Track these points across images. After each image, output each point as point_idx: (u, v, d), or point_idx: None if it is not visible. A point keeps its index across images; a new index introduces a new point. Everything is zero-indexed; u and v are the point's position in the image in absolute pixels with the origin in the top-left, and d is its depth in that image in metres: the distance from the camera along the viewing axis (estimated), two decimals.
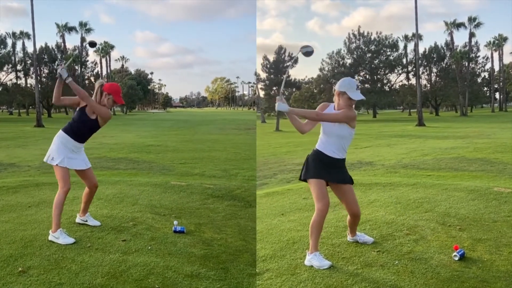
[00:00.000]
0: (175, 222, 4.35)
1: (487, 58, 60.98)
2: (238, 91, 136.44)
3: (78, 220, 4.43)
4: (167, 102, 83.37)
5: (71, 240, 3.87)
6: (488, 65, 62.26)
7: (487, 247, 3.81)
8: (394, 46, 57.21)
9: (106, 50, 62.02)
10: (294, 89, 53.76)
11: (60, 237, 3.87)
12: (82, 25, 55.18)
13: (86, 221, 4.39)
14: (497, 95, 68.78)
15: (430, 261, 3.51)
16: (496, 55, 63.45)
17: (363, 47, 57.37)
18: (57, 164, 3.99)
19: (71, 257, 3.52)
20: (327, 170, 3.63)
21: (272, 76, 42.74)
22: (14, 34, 54.70)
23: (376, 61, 57.25)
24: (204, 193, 5.88)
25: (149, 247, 3.78)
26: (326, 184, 3.67)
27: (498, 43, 61.28)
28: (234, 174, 9.34)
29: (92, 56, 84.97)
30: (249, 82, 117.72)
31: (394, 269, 3.40)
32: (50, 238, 3.93)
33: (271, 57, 43.25)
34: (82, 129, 4.09)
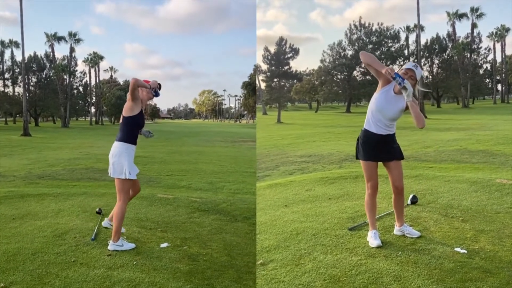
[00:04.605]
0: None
1: (489, 49, 60.66)
2: (225, 104, 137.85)
3: (107, 224, 4.55)
4: (155, 113, 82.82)
5: (132, 245, 4.03)
6: (490, 57, 62.06)
7: (490, 238, 3.84)
8: (395, 37, 56.98)
9: (95, 60, 61.74)
10: (295, 81, 53.63)
11: (124, 245, 3.97)
12: (72, 35, 54.79)
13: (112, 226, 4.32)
14: (499, 86, 68.47)
15: (433, 252, 3.54)
16: (498, 46, 62.78)
17: (365, 38, 57.16)
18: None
19: (55, 272, 3.40)
20: (376, 150, 3.81)
21: (273, 67, 42.61)
22: (2, 42, 54.53)
23: (377, 53, 56.98)
24: (191, 207, 5.77)
25: (135, 262, 3.66)
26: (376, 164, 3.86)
27: (500, 34, 60.75)
28: (220, 187, 9.30)
29: (81, 66, 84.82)
30: (236, 95, 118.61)
31: (397, 259, 3.43)
32: (111, 247, 3.92)
33: (272, 49, 43.06)
34: (135, 130, 4.11)
